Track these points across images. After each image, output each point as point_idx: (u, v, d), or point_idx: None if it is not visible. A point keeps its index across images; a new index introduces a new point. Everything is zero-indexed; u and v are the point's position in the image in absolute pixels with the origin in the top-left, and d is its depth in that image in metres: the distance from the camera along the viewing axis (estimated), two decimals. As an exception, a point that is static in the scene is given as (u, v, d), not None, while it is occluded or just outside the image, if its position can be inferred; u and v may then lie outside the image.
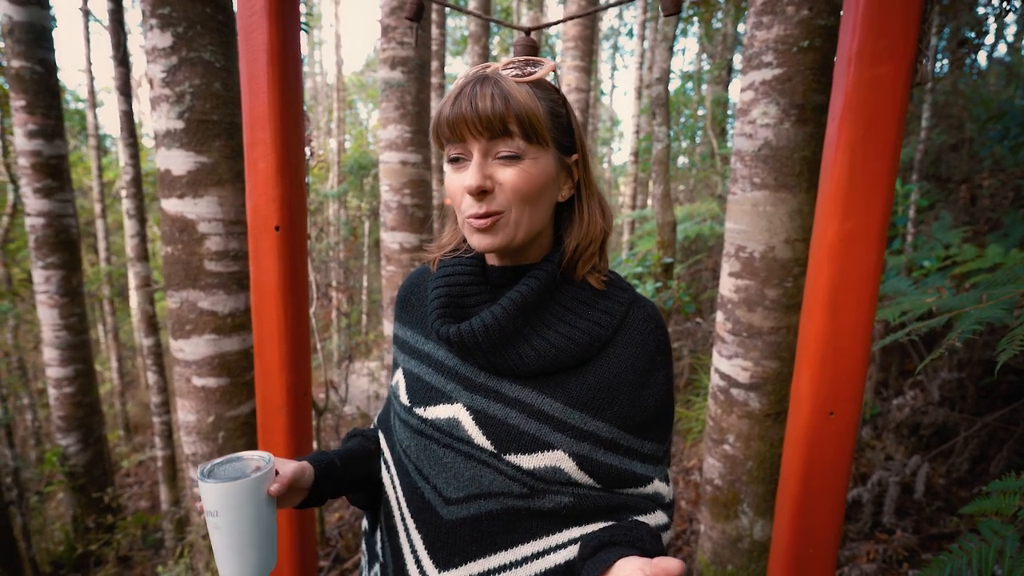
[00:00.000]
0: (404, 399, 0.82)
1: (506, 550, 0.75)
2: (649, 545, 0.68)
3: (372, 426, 1.01)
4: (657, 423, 0.79)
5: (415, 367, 0.83)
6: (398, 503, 0.84)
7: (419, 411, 0.79)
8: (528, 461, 0.73)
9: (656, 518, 0.79)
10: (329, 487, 0.83)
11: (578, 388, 0.75)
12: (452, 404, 0.77)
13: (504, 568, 0.75)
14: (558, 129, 0.74)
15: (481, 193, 0.70)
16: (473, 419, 0.75)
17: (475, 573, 0.75)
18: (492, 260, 0.81)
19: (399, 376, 0.86)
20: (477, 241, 0.73)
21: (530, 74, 0.73)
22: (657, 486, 0.80)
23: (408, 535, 0.81)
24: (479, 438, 0.74)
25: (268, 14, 1.25)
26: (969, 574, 1.15)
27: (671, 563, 0.53)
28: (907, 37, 1.05)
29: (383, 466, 0.89)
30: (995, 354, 1.40)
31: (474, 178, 0.69)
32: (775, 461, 2.05)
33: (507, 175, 0.70)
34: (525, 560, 0.74)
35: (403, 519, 0.82)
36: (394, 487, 0.85)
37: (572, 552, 0.74)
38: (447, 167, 0.74)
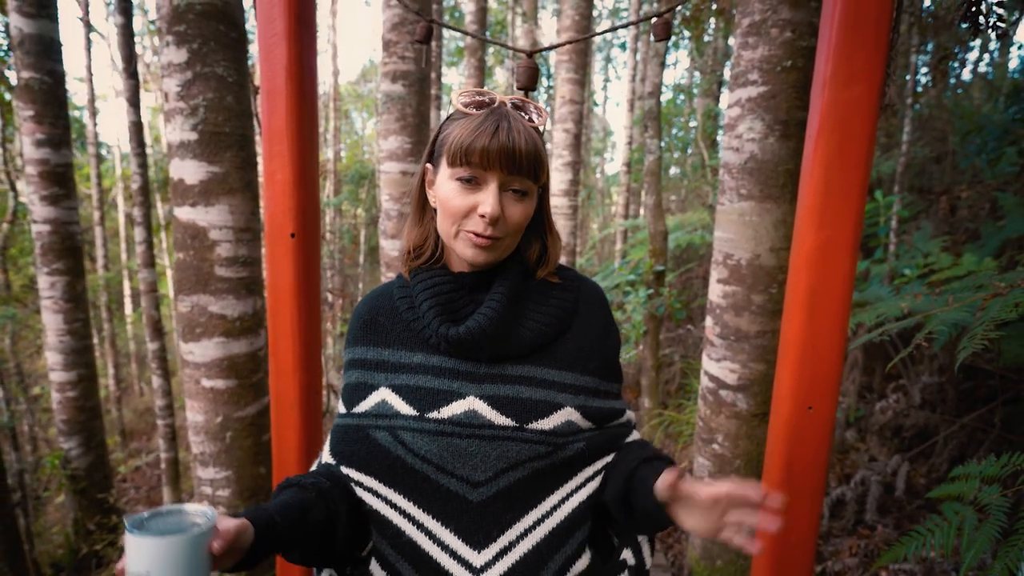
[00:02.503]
0: (408, 410, 0.85)
1: (536, 507, 0.84)
2: (660, 453, 0.87)
3: (317, 468, 0.93)
4: (616, 366, 0.97)
5: (408, 380, 0.87)
6: (408, 516, 0.84)
7: (433, 415, 0.84)
8: (547, 423, 0.84)
9: (633, 436, 0.96)
10: (267, 546, 0.76)
11: (565, 354, 0.89)
12: (464, 399, 0.84)
13: (538, 523, 0.84)
14: (547, 172, 0.87)
15: (494, 221, 0.80)
16: (488, 405, 0.84)
17: (513, 539, 0.83)
18: (461, 268, 0.90)
19: (385, 394, 0.87)
20: (472, 255, 0.83)
21: (537, 121, 0.85)
22: (629, 414, 0.98)
23: (433, 536, 0.83)
24: (499, 419, 0.83)
25: (287, 36, 1.35)
26: (932, 551, 1.25)
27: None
28: (876, 64, 1.16)
29: (368, 494, 0.86)
30: (966, 358, 1.50)
31: (495, 208, 0.79)
32: (762, 459, 2.14)
33: (515, 210, 0.82)
34: (553, 509, 0.85)
35: (421, 526, 0.83)
36: (394, 506, 0.85)
37: (591, 488, 0.87)
38: (453, 183, 0.81)
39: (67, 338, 3.73)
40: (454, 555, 0.83)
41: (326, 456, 0.92)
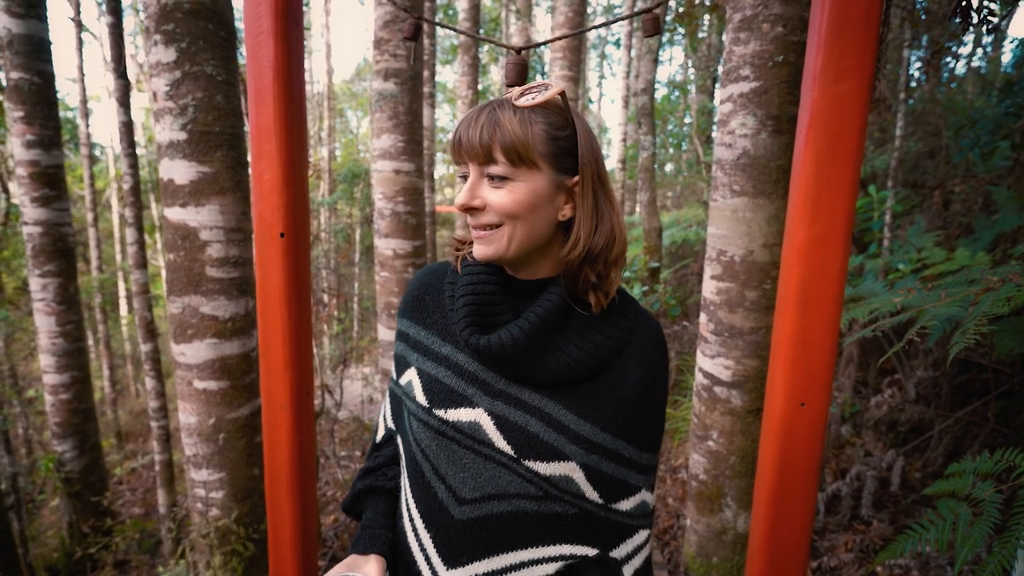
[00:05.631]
0: (422, 400, 0.84)
1: (507, 552, 0.81)
2: None
3: (379, 435, 1.01)
4: (652, 433, 0.86)
5: (432, 368, 0.85)
6: (407, 505, 0.87)
7: (439, 412, 0.82)
8: (545, 468, 0.79)
9: (634, 541, 0.87)
10: (392, 560, 0.90)
11: (590, 400, 0.80)
12: (474, 408, 0.81)
13: (506, 571, 0.81)
14: (555, 152, 0.78)
15: (470, 210, 0.78)
16: (494, 424, 0.80)
17: (480, 573, 0.80)
18: (511, 272, 0.85)
19: (412, 375, 0.88)
20: (476, 250, 0.81)
21: (533, 100, 0.78)
22: (643, 495, 0.87)
23: (417, 535, 0.85)
24: (500, 442, 0.79)
25: (274, 33, 1.33)
26: (928, 547, 1.25)
27: None
28: (866, 58, 1.15)
29: (402, 468, 0.93)
30: (960, 352, 1.50)
31: (462, 196, 0.78)
32: (756, 455, 2.14)
33: (494, 196, 0.77)
34: (523, 565, 0.81)
35: (411, 520, 0.86)
36: (404, 491, 0.89)
37: (558, 566, 0.82)
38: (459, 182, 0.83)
39: (60, 340, 3.70)
40: (428, 562, 0.84)
41: (389, 419, 0.98)
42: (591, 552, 0.83)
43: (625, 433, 0.81)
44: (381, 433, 1.01)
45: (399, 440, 0.93)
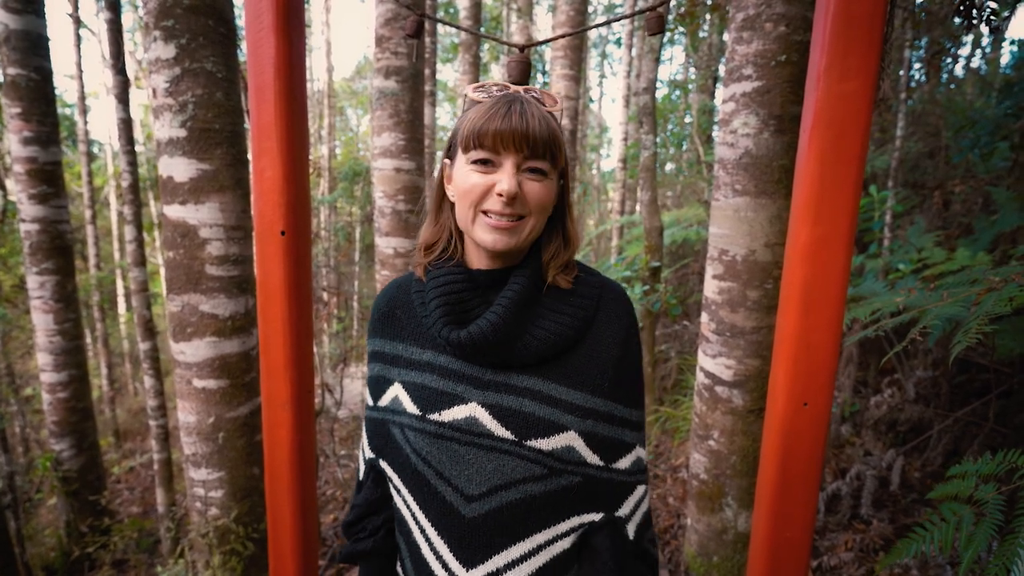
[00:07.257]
0: (413, 409, 0.85)
1: (524, 539, 0.81)
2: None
3: (361, 471, 0.99)
4: (635, 389, 0.89)
5: (416, 377, 0.87)
6: (414, 518, 0.87)
7: (434, 416, 0.83)
8: (547, 444, 0.81)
9: (634, 496, 0.89)
10: None
11: (575, 369, 0.84)
12: (466, 404, 0.82)
13: (525, 557, 0.82)
14: (564, 157, 0.85)
15: (512, 199, 0.78)
16: (490, 414, 0.81)
17: (500, 566, 0.81)
18: (479, 264, 0.87)
19: (397, 390, 0.88)
20: (492, 240, 0.80)
21: (551, 107, 0.84)
22: (637, 451, 0.90)
23: (431, 544, 0.85)
24: (499, 430, 0.81)
25: (275, 30, 1.32)
26: (932, 552, 1.24)
27: None
28: (871, 58, 1.14)
29: (394, 491, 0.92)
30: (960, 352, 1.50)
31: (511, 184, 0.77)
32: (757, 455, 2.14)
33: (534, 188, 0.79)
34: (540, 548, 0.82)
35: (423, 531, 0.86)
36: (407, 505, 0.88)
37: (572, 539, 0.84)
38: (468, 167, 0.80)
39: (57, 338, 3.69)
40: (446, 567, 0.83)
41: (367, 450, 0.96)
42: (598, 516, 0.85)
43: (613, 394, 0.85)
44: (362, 469, 1.00)
45: (384, 465, 0.92)
